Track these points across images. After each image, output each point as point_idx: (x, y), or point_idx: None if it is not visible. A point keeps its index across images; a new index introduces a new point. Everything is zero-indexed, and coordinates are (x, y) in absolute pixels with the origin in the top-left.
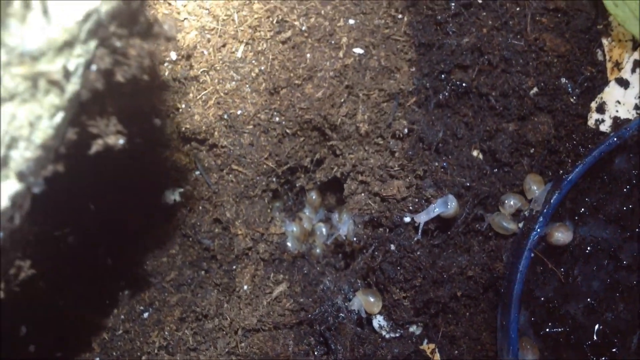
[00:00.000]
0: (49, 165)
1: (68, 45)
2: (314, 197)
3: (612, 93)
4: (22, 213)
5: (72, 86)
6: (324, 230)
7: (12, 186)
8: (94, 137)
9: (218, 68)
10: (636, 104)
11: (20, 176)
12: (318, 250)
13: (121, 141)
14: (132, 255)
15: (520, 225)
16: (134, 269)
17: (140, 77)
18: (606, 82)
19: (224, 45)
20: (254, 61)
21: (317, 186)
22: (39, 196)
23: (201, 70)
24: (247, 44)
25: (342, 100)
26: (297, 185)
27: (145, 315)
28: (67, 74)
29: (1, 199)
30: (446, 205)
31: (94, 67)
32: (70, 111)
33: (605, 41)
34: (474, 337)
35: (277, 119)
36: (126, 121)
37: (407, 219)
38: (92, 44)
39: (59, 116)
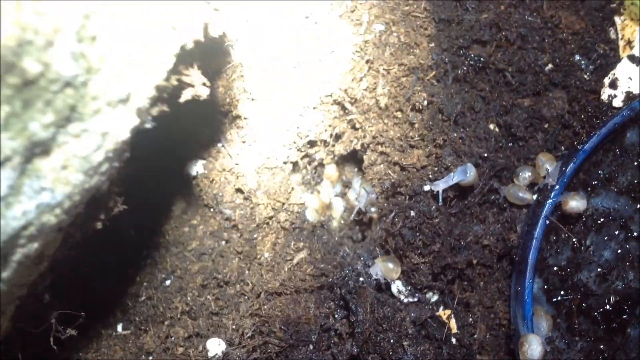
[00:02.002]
0: (157, 105)
1: None
2: (332, 171)
3: (624, 69)
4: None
5: (184, 35)
6: (341, 204)
7: (132, 121)
8: (187, 86)
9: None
10: None
11: (139, 112)
12: (335, 224)
13: (207, 92)
14: (154, 225)
15: (535, 195)
16: (156, 238)
17: (227, 36)
18: (618, 59)
19: (247, 20)
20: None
21: (335, 160)
22: None
23: (225, 44)
24: None
25: (363, 74)
26: (316, 158)
27: (167, 282)
28: (183, 23)
29: (123, 132)
30: (465, 174)
31: (199, 20)
32: (177, 59)
33: (617, 19)
34: (487, 305)
35: (299, 92)
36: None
37: (427, 187)
38: None
39: (171, 62)
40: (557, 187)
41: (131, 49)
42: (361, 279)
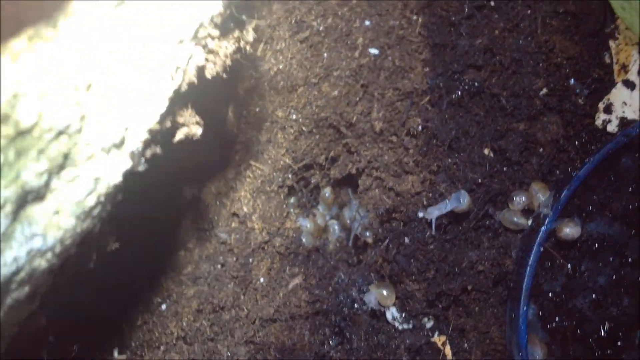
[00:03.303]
0: (150, 148)
1: (181, 41)
2: (327, 195)
3: (618, 94)
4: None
5: (178, 79)
6: (336, 227)
7: (125, 163)
8: (180, 126)
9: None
10: None
11: (132, 156)
12: (331, 247)
13: (200, 131)
14: (150, 248)
15: (530, 221)
16: (152, 262)
17: (221, 75)
18: (613, 84)
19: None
20: (272, 60)
21: (331, 183)
22: None
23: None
24: (266, 43)
25: (358, 98)
26: (312, 182)
27: (163, 307)
28: (177, 68)
29: (115, 176)
30: (459, 201)
31: (192, 64)
32: (171, 102)
33: (612, 44)
34: (483, 330)
35: (294, 116)
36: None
37: (421, 214)
38: (194, 43)
39: (164, 105)
40: (551, 213)
41: (125, 94)
42: (356, 305)
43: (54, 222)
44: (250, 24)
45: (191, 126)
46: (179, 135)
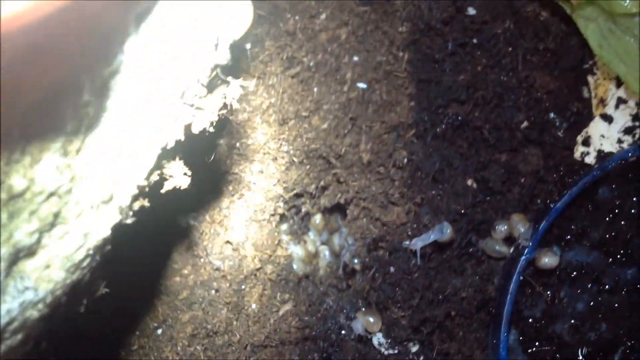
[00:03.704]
0: (138, 201)
1: (169, 104)
2: (317, 221)
3: (597, 127)
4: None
5: (165, 138)
6: (327, 253)
7: (114, 218)
8: (167, 178)
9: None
10: (619, 138)
11: (120, 210)
12: (321, 272)
13: (187, 181)
14: (146, 274)
15: (511, 250)
16: (148, 287)
17: (208, 130)
18: (591, 118)
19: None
20: (264, 94)
21: (321, 210)
22: None
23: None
24: (258, 78)
25: (346, 131)
26: (302, 209)
27: (159, 331)
28: (164, 128)
29: (104, 230)
30: (442, 232)
31: (179, 122)
32: (158, 158)
33: (591, 79)
34: (466, 354)
35: (286, 148)
36: None
37: (406, 243)
38: (181, 102)
39: (152, 162)
40: (530, 243)
41: (114, 155)
42: (343, 331)
43: (45, 276)
44: (236, 81)
45: (179, 177)
46: (167, 186)
